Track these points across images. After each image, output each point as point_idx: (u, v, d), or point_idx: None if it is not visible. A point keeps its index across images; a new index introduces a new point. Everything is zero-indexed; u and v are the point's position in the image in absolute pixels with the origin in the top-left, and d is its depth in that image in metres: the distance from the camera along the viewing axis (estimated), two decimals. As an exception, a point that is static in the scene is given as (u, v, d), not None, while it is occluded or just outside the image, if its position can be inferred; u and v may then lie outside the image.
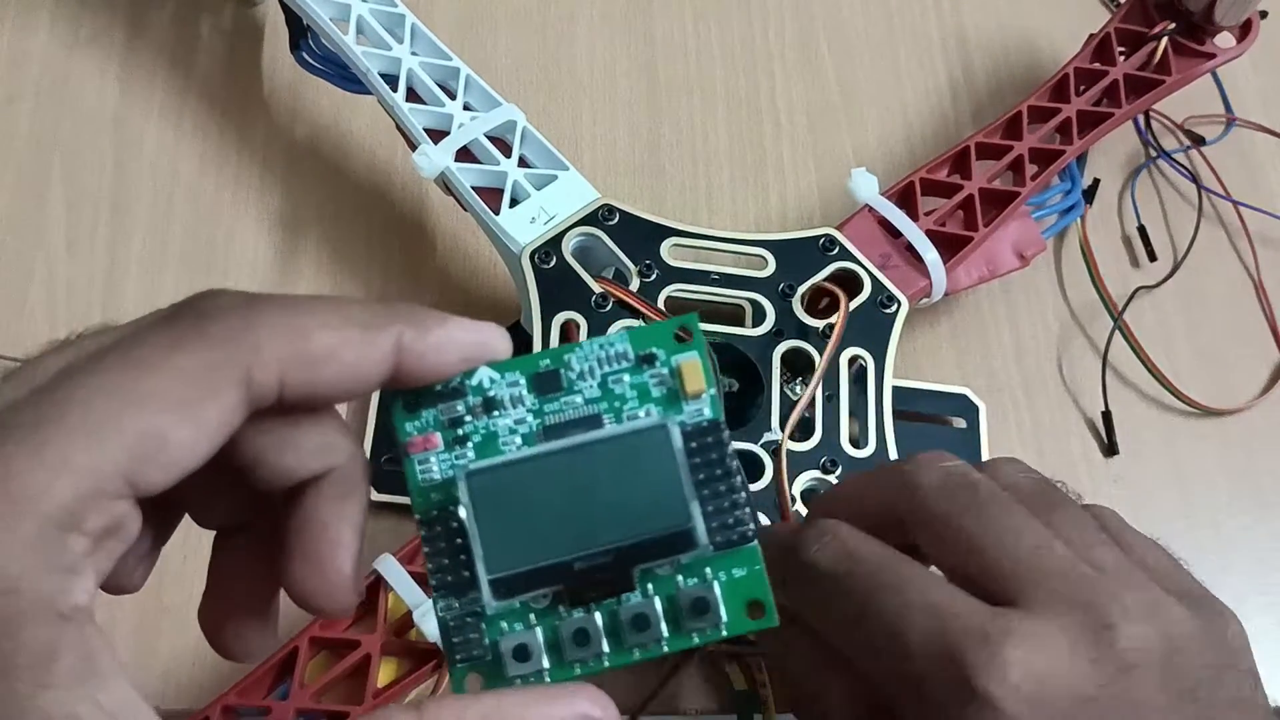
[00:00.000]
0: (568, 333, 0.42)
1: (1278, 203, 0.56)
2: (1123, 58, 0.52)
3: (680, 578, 0.24)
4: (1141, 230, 0.54)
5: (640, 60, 0.57)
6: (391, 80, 0.46)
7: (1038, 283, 0.53)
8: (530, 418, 0.24)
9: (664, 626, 0.23)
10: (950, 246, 0.46)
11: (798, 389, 0.43)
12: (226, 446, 0.21)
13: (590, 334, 0.42)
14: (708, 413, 0.24)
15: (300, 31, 0.49)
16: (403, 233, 0.50)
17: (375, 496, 0.43)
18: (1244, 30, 0.52)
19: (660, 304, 0.43)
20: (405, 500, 0.43)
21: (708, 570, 0.24)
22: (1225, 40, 0.53)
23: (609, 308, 0.43)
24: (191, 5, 0.54)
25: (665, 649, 0.23)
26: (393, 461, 0.44)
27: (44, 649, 0.18)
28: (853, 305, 0.44)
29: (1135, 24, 0.52)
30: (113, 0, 0.54)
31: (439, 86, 0.46)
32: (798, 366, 0.44)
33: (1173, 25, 0.51)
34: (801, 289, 0.44)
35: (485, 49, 0.55)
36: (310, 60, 0.49)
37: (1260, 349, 0.53)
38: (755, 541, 0.23)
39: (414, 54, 0.47)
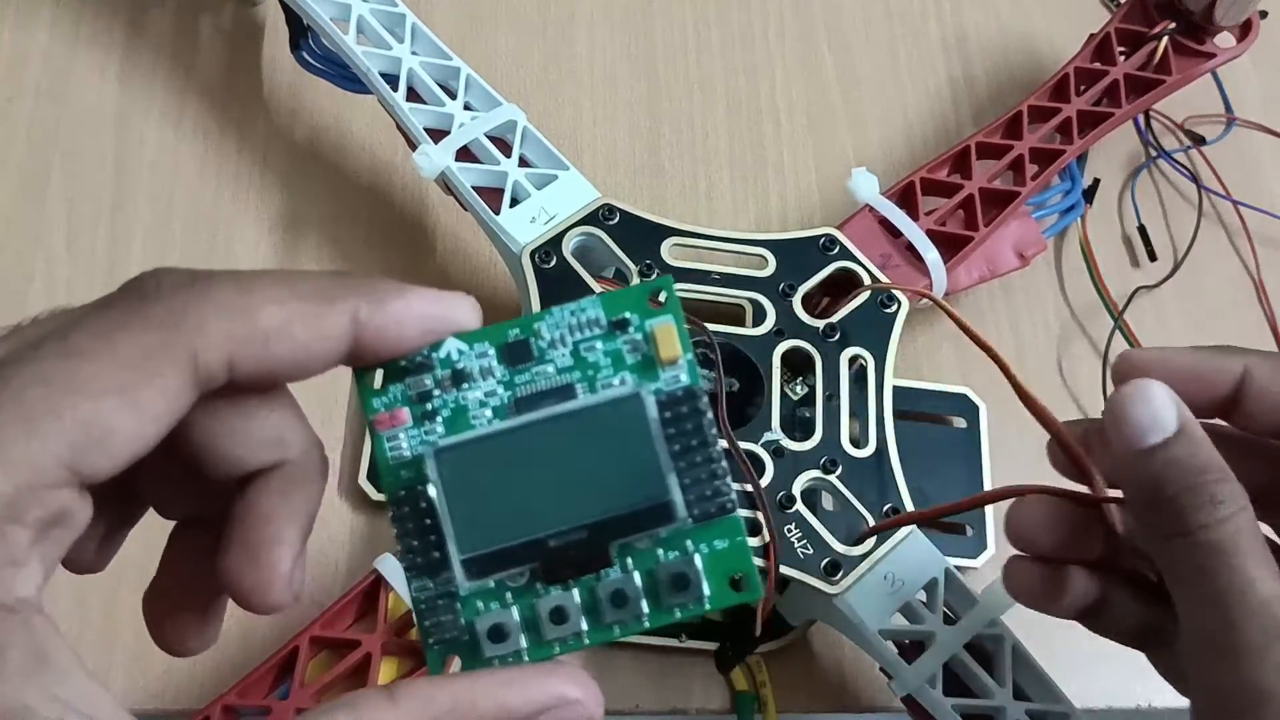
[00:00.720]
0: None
1: (1278, 203, 0.56)
2: (1123, 57, 0.52)
3: (660, 551, 0.23)
4: (1141, 230, 0.54)
5: (640, 60, 0.57)
6: (392, 80, 0.46)
7: (1038, 282, 0.53)
8: (501, 390, 0.23)
9: (644, 602, 0.23)
10: (950, 246, 0.46)
11: (798, 389, 0.43)
12: (177, 434, 0.21)
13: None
14: (684, 379, 0.23)
15: (300, 31, 0.49)
16: (403, 233, 0.50)
17: (376, 496, 0.43)
18: (1244, 30, 0.52)
19: (660, 304, 0.43)
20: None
21: (688, 543, 0.23)
22: (1225, 40, 0.53)
23: (609, 307, 0.42)
24: (191, 5, 0.54)
25: (646, 624, 0.23)
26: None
27: None
28: (853, 305, 0.44)
29: (1135, 24, 0.52)
30: (113, 0, 0.54)
31: (439, 86, 0.46)
32: (798, 366, 0.44)
33: (1173, 25, 0.51)
34: (802, 289, 0.44)
35: (485, 49, 0.55)
36: (310, 60, 0.49)
37: (1260, 349, 0.53)
38: (736, 512, 0.23)
39: (414, 54, 0.47)
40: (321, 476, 0.23)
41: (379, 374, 0.23)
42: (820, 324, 0.43)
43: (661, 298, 0.24)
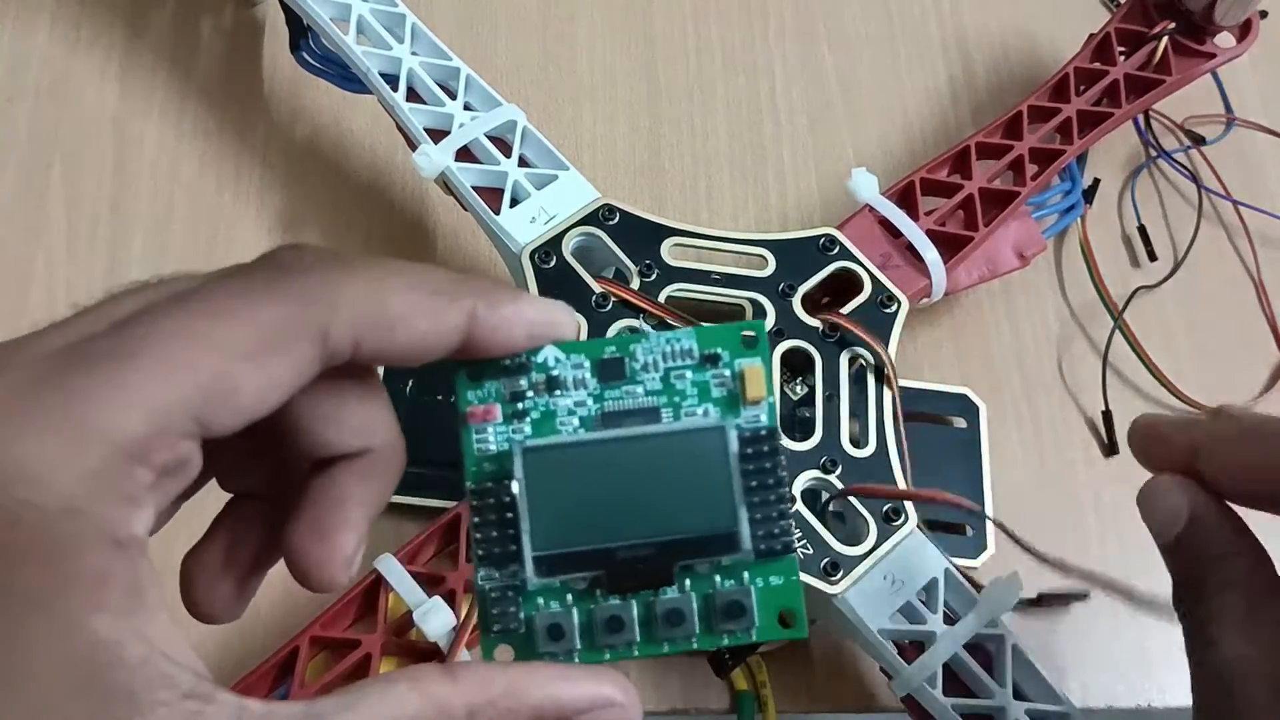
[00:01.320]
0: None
1: (1278, 203, 0.56)
2: (1123, 57, 0.52)
3: (718, 578, 0.24)
4: (1141, 230, 0.54)
5: (640, 60, 0.57)
6: (392, 80, 0.46)
7: (1038, 282, 0.53)
8: (590, 401, 0.24)
9: (697, 624, 0.24)
10: (950, 246, 0.46)
11: (798, 389, 0.43)
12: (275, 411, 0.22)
13: (591, 335, 0.42)
14: (764, 420, 0.24)
15: (300, 31, 0.49)
16: (403, 233, 0.50)
17: (375, 496, 0.43)
18: (1244, 30, 0.52)
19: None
20: (408, 500, 0.43)
21: (746, 574, 0.24)
22: (1225, 40, 0.53)
23: (609, 307, 0.43)
24: (191, 5, 0.54)
25: (694, 645, 0.24)
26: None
27: (97, 573, 0.19)
28: (853, 305, 0.44)
29: (1135, 24, 0.52)
30: (113, 0, 0.54)
31: (439, 86, 0.46)
32: (798, 366, 0.44)
33: (1173, 25, 0.51)
34: (802, 289, 0.44)
35: (485, 49, 0.55)
36: (310, 60, 0.49)
37: (1260, 349, 0.53)
38: (795, 553, 0.24)
39: (414, 54, 0.47)
40: (399, 471, 0.25)
41: (478, 369, 0.24)
42: (820, 324, 0.43)
43: (748, 336, 0.25)
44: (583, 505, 0.24)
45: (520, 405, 0.24)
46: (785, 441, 0.41)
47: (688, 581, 0.24)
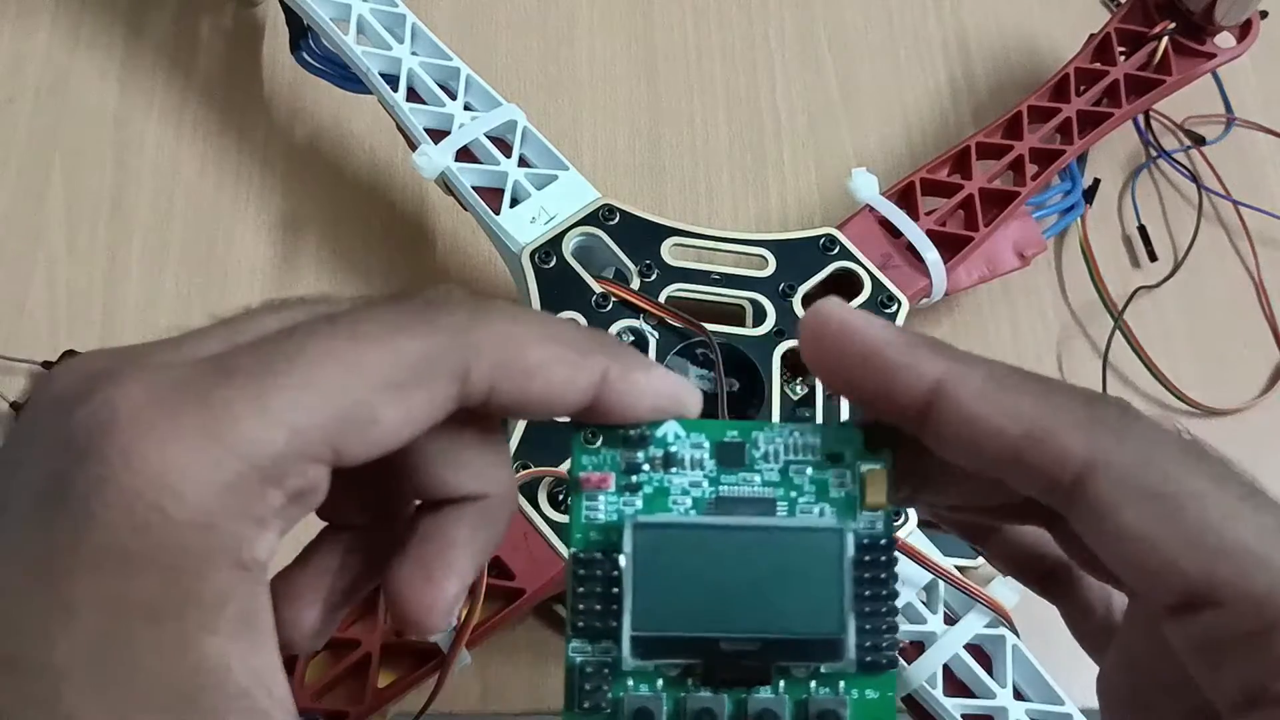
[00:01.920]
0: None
1: (1278, 203, 0.56)
2: (1123, 58, 0.52)
3: (813, 684, 0.23)
4: (1142, 230, 0.54)
5: (640, 60, 0.57)
6: (392, 80, 0.46)
7: (1038, 283, 0.53)
8: (706, 484, 0.24)
9: None
10: (951, 246, 0.46)
11: (798, 389, 0.43)
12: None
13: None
14: (880, 528, 0.24)
15: (300, 31, 0.49)
16: (403, 233, 0.50)
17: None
18: (1244, 30, 0.52)
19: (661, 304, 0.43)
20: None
21: (842, 684, 0.23)
22: (1225, 40, 0.53)
23: (610, 308, 0.43)
24: (191, 5, 0.54)
25: None
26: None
27: (218, 593, 0.19)
28: (853, 306, 0.44)
29: (1135, 24, 0.52)
30: (113, 0, 0.54)
31: (439, 86, 0.46)
32: (798, 366, 0.44)
33: (1173, 25, 0.51)
34: (802, 289, 0.44)
35: (485, 49, 0.55)
36: (310, 60, 0.49)
37: (1260, 349, 0.53)
38: (895, 670, 0.23)
39: (414, 54, 0.47)
40: (508, 520, 0.24)
41: (594, 435, 0.24)
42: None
43: (880, 444, 0.24)
44: (688, 590, 0.23)
45: (634, 478, 0.24)
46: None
47: (782, 683, 0.23)
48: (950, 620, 0.39)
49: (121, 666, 0.18)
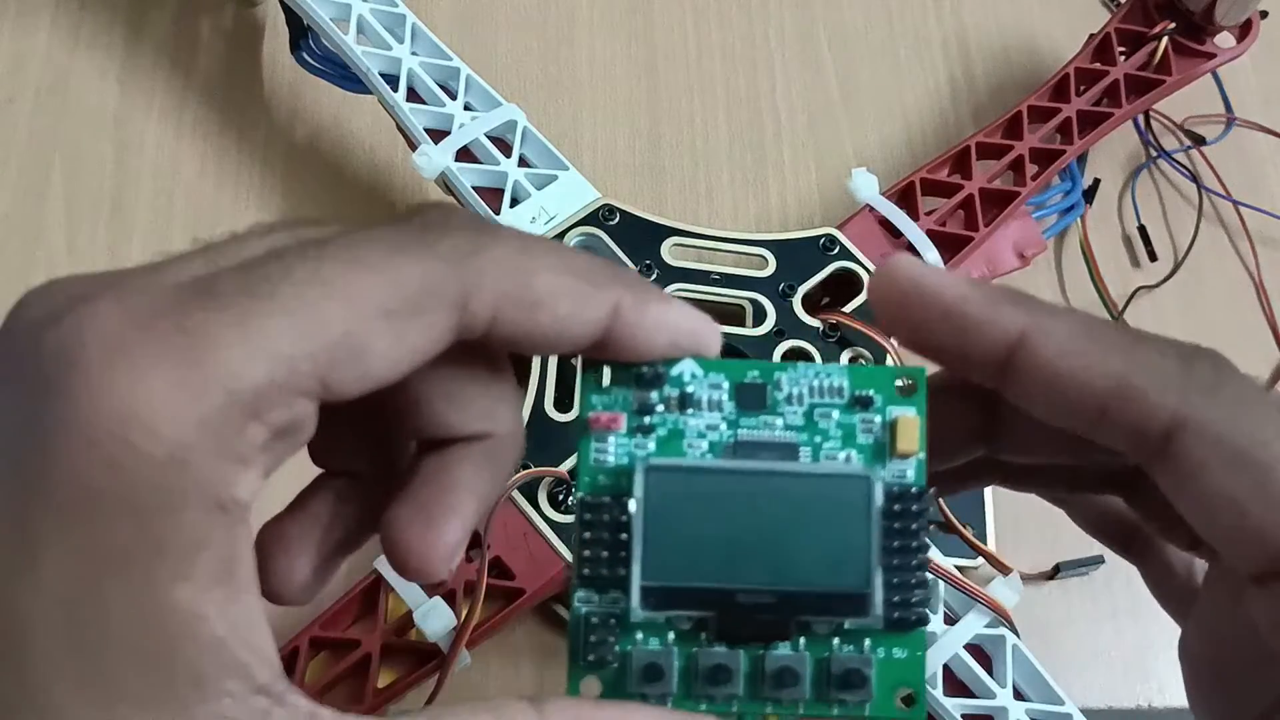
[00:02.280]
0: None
1: (1278, 203, 0.56)
2: (1123, 57, 0.52)
3: (836, 642, 0.22)
4: (1142, 230, 0.54)
5: (640, 60, 0.56)
6: (392, 80, 0.46)
7: (1038, 283, 0.53)
8: (724, 426, 0.22)
9: (808, 688, 0.22)
10: (951, 246, 0.46)
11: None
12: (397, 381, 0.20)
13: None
14: (911, 477, 0.22)
15: (300, 31, 0.49)
16: (403, 233, 0.50)
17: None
18: (1244, 30, 0.52)
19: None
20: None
21: (867, 643, 0.22)
22: (1225, 40, 0.53)
23: (609, 308, 0.43)
24: (191, 5, 0.54)
25: (801, 711, 0.22)
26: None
27: (192, 537, 0.17)
28: (853, 305, 0.44)
29: (1135, 24, 0.52)
30: (113, 0, 0.54)
31: (439, 86, 0.46)
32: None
33: (1173, 25, 0.51)
34: (802, 289, 0.44)
35: (485, 49, 0.55)
36: (310, 60, 0.49)
37: (1260, 349, 0.53)
38: (925, 628, 0.22)
39: (414, 54, 0.47)
40: (516, 461, 0.23)
41: (607, 373, 0.22)
42: (820, 324, 0.43)
43: (905, 384, 0.23)
44: (702, 538, 0.21)
45: (647, 420, 0.22)
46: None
47: (802, 640, 0.22)
48: (950, 620, 0.39)
49: (92, 615, 0.17)
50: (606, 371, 0.22)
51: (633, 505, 0.21)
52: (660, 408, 0.22)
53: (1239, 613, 0.21)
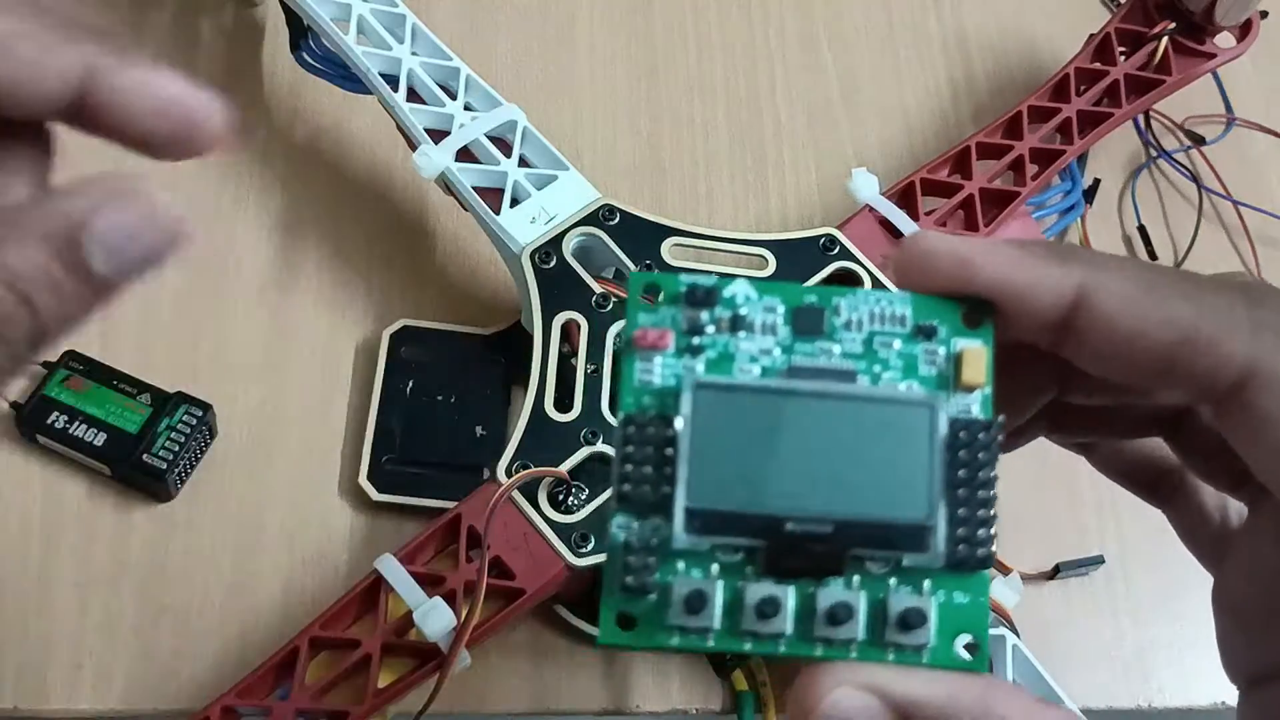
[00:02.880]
0: (569, 333, 0.42)
1: (1278, 203, 0.56)
2: (1123, 57, 0.52)
3: (893, 581, 0.20)
4: (1142, 230, 0.54)
5: (640, 60, 0.56)
6: (392, 80, 0.46)
7: (1038, 283, 0.53)
8: (778, 351, 0.21)
9: (862, 628, 0.20)
10: (951, 246, 0.46)
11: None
12: None
13: (591, 334, 0.42)
14: (977, 411, 0.21)
15: (300, 31, 0.49)
16: (403, 233, 0.50)
17: (376, 496, 0.43)
18: (1244, 30, 0.52)
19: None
20: (408, 501, 0.43)
21: (926, 584, 0.20)
22: (1225, 40, 0.53)
23: (610, 307, 0.43)
24: (191, 5, 0.54)
25: (853, 655, 0.20)
26: (393, 461, 0.44)
27: None
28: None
29: (1135, 24, 0.52)
30: (113, 0, 0.54)
31: (439, 86, 0.46)
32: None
33: (1173, 25, 0.51)
34: (802, 289, 0.44)
35: (485, 49, 0.55)
36: (310, 60, 0.49)
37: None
38: (989, 571, 0.21)
39: (414, 54, 0.47)
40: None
41: (654, 288, 0.22)
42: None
43: (978, 318, 0.21)
44: (752, 462, 0.20)
45: (697, 340, 0.21)
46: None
47: (856, 578, 0.20)
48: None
49: None
50: (654, 286, 0.21)
51: (679, 423, 0.20)
52: (710, 329, 0.21)
53: None
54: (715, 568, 0.20)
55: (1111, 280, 0.20)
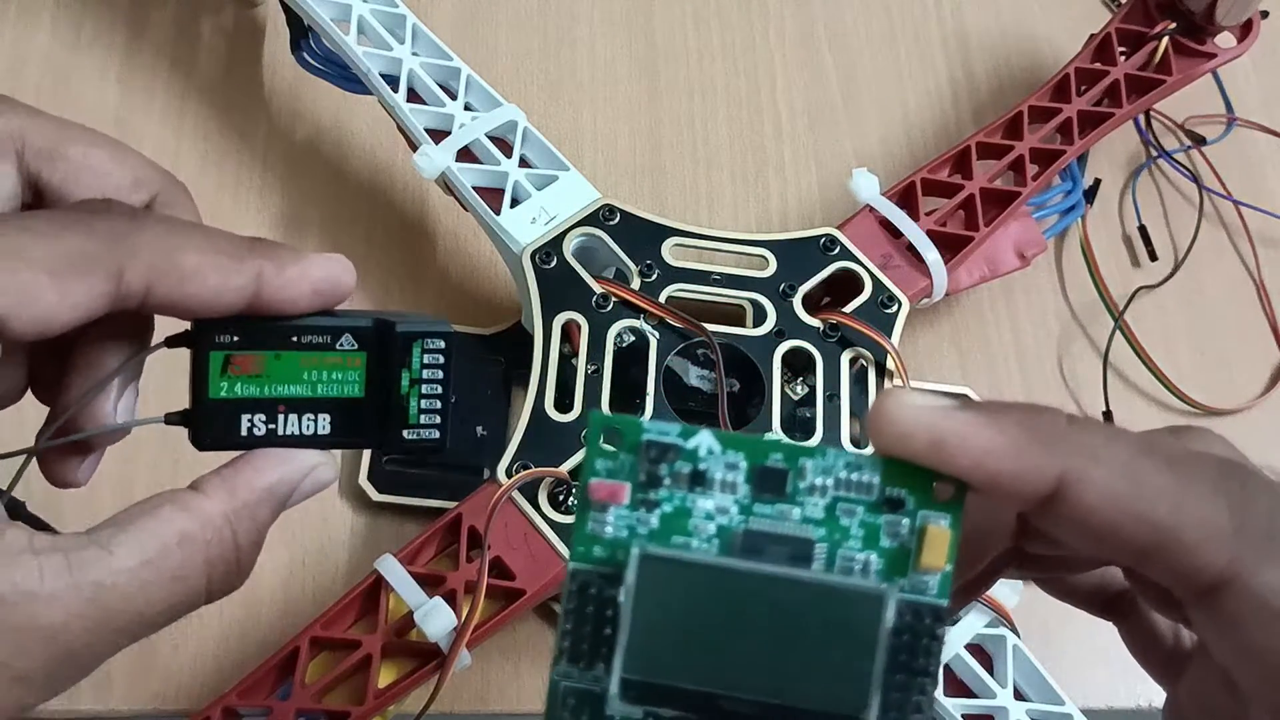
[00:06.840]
0: (569, 333, 0.42)
1: (1278, 202, 0.56)
2: (1123, 58, 0.52)
3: None
4: (1142, 230, 0.54)
5: (640, 60, 0.56)
6: (392, 80, 0.46)
7: (1038, 283, 0.53)
8: (735, 511, 0.21)
9: None
10: (951, 246, 0.46)
11: (798, 389, 0.44)
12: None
13: (591, 334, 0.42)
14: (933, 593, 0.21)
15: (301, 31, 0.49)
16: (403, 233, 0.50)
17: (376, 496, 0.43)
18: (1245, 30, 0.52)
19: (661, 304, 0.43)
20: (408, 501, 0.43)
21: None
22: (1226, 40, 0.53)
23: (610, 308, 0.43)
24: (191, 5, 0.54)
25: None
26: (393, 461, 0.44)
27: None
28: (853, 306, 0.44)
29: (1136, 24, 0.52)
30: (113, 0, 0.54)
31: (440, 87, 0.46)
32: (798, 366, 0.44)
33: (1173, 25, 0.51)
34: (802, 289, 0.44)
35: (485, 49, 0.55)
36: (311, 60, 0.49)
37: (1261, 349, 0.53)
38: None
39: (415, 54, 0.47)
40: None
41: (615, 434, 0.21)
42: (820, 324, 0.43)
43: (944, 489, 0.21)
44: (693, 636, 0.20)
45: (653, 493, 0.21)
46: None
47: None
48: (951, 621, 0.39)
49: None
50: (617, 432, 0.21)
51: (622, 594, 0.20)
52: (668, 481, 0.21)
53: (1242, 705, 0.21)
54: None
55: (1094, 470, 0.20)
